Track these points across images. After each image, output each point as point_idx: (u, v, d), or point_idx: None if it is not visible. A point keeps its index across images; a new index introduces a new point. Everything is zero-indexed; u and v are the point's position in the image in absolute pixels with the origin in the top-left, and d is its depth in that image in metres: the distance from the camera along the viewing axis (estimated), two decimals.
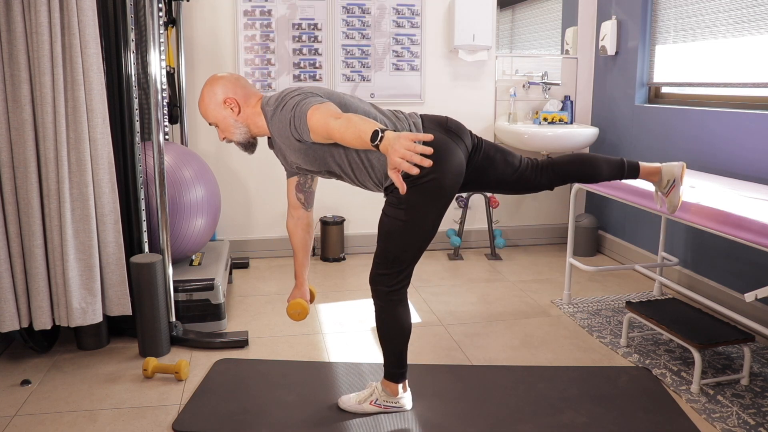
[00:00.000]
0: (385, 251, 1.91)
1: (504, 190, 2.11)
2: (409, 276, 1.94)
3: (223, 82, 1.90)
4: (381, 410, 2.06)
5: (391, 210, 1.88)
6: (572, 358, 2.51)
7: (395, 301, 1.94)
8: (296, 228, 2.16)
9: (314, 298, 2.25)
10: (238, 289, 3.32)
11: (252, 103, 1.91)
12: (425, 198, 1.84)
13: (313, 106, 1.71)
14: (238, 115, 1.90)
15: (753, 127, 2.76)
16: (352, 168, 1.88)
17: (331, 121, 1.63)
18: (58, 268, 2.32)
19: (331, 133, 1.64)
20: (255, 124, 1.91)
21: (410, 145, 1.42)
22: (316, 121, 1.68)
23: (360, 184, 1.94)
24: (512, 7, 4.10)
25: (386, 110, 1.94)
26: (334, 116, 1.64)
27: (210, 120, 1.92)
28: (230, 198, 3.81)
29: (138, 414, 2.08)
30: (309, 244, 2.19)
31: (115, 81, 2.44)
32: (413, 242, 1.89)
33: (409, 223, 1.86)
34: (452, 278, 3.53)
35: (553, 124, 3.88)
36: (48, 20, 2.20)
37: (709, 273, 3.07)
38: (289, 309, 2.13)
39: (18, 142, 2.25)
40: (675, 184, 2.14)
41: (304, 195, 2.11)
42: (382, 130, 1.50)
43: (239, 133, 1.92)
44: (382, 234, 1.91)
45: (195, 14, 3.57)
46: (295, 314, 2.12)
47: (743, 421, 2.03)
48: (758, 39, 2.80)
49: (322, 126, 1.66)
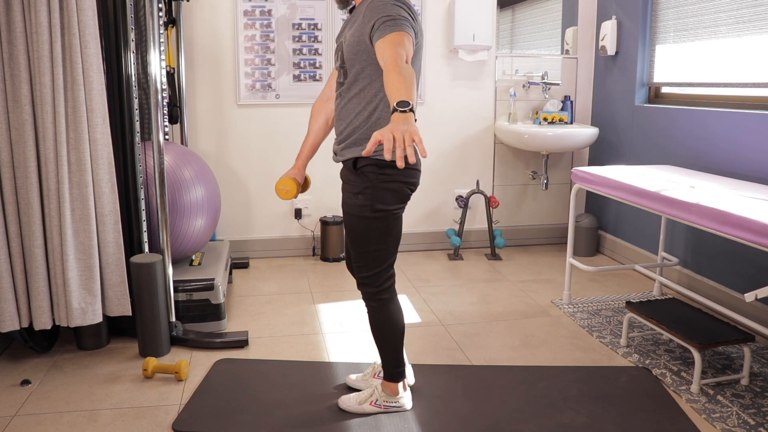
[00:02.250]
0: (361, 253, 1.91)
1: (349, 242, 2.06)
2: (393, 273, 1.95)
3: None
4: (381, 410, 2.06)
5: (354, 208, 1.87)
6: (572, 358, 2.51)
7: (386, 299, 1.95)
8: (321, 110, 2.12)
9: (308, 186, 2.18)
10: (238, 289, 3.32)
11: None
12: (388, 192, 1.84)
13: (404, 32, 1.68)
14: None
15: (753, 127, 2.76)
16: (359, 92, 1.85)
17: (400, 54, 1.61)
18: (58, 268, 2.32)
19: (389, 59, 1.60)
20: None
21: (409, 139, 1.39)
22: (389, 43, 1.65)
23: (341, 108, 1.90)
24: (512, 7, 4.10)
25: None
26: (404, 58, 1.61)
27: None
28: (230, 198, 3.81)
29: (138, 414, 2.08)
30: (325, 132, 2.15)
31: (115, 81, 2.44)
32: (385, 239, 1.89)
33: (375, 222, 1.86)
34: (452, 278, 3.53)
35: (553, 124, 3.88)
36: (48, 20, 2.20)
37: (709, 273, 3.07)
38: (278, 184, 2.04)
39: (18, 142, 2.25)
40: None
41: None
42: (412, 110, 1.46)
43: None
44: (354, 237, 1.91)
45: (195, 14, 3.57)
46: (282, 191, 2.04)
47: (743, 421, 2.03)
48: (758, 39, 2.80)
49: (391, 49, 1.63)
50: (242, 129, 3.75)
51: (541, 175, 4.06)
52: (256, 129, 3.76)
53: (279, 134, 3.76)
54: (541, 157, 4.02)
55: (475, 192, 3.91)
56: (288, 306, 3.09)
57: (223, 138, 3.74)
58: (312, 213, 3.91)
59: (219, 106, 3.70)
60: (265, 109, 3.74)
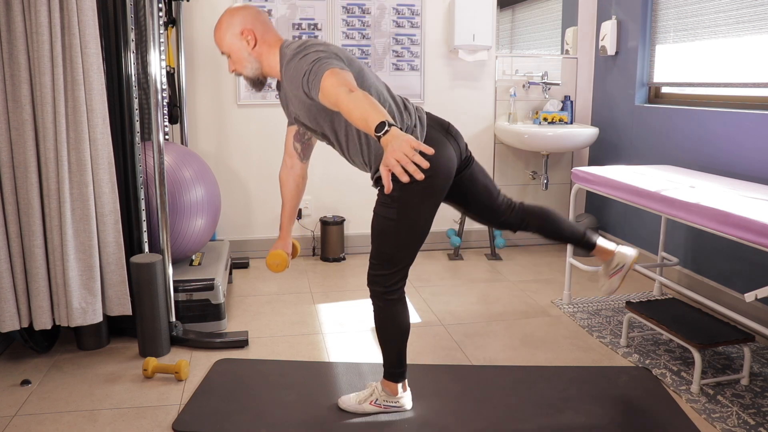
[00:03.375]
0: (379, 252, 1.91)
1: (473, 211, 2.11)
2: (406, 275, 1.94)
3: (244, 13, 1.86)
4: (381, 410, 2.06)
5: (382, 209, 1.87)
6: (572, 358, 2.51)
7: (393, 300, 1.94)
8: (288, 178, 2.12)
9: (297, 252, 2.20)
10: (238, 289, 3.32)
11: (269, 41, 1.87)
12: (416, 196, 1.84)
13: (332, 68, 1.66)
14: (253, 49, 1.86)
15: (753, 127, 2.76)
16: (347, 139, 1.86)
17: (343, 92, 1.57)
18: (58, 268, 2.32)
19: (340, 103, 1.58)
20: (268, 63, 1.87)
21: (410, 151, 1.38)
22: (329, 85, 1.63)
23: (348, 158, 1.93)
24: (512, 7, 4.10)
25: (397, 96, 1.91)
26: (349, 88, 1.59)
27: (223, 49, 1.88)
28: (230, 198, 3.81)
29: (138, 414, 2.08)
30: (299, 197, 2.16)
31: (115, 81, 2.44)
32: (406, 241, 1.88)
33: (401, 222, 1.85)
34: (452, 278, 3.53)
35: (553, 124, 3.88)
36: (48, 20, 2.20)
37: (709, 273, 3.07)
38: (269, 259, 2.07)
39: (18, 142, 2.25)
40: (620, 270, 2.19)
41: (302, 145, 2.07)
42: (389, 124, 1.45)
43: (250, 68, 1.89)
44: (375, 234, 1.90)
45: (195, 14, 3.57)
46: (273, 264, 2.07)
47: (743, 421, 2.03)
48: (758, 39, 2.80)
49: (333, 93, 1.61)
50: (242, 129, 3.75)
51: (541, 175, 4.06)
52: (256, 129, 3.76)
53: (279, 134, 3.76)
54: (541, 157, 4.02)
55: None
56: (288, 306, 3.09)
57: (223, 138, 3.74)
58: (312, 213, 3.92)
59: (219, 106, 3.70)
60: (265, 109, 3.74)
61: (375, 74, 1.91)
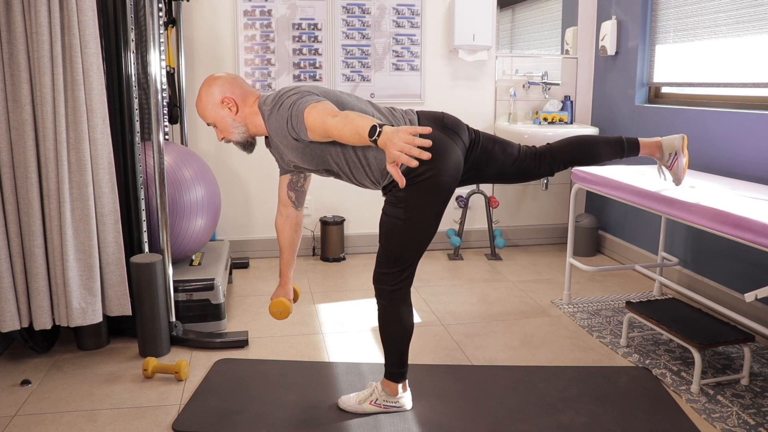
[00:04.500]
0: (386, 250, 1.91)
1: (505, 180, 2.11)
2: (412, 274, 1.95)
3: (220, 82, 1.90)
4: (381, 410, 2.06)
5: (390, 209, 1.88)
6: (572, 358, 2.51)
7: (398, 299, 1.94)
8: (285, 226, 2.15)
9: (298, 297, 2.24)
10: (238, 289, 3.32)
11: (250, 102, 1.91)
12: (423, 196, 1.85)
13: (309, 105, 1.71)
14: (236, 115, 1.90)
15: (753, 127, 2.76)
16: (350, 166, 1.88)
17: (329, 119, 1.64)
18: (58, 268, 2.32)
19: (329, 130, 1.64)
20: (253, 124, 1.91)
21: (408, 138, 1.42)
22: (313, 120, 1.69)
23: (357, 183, 1.95)
24: (512, 7, 4.10)
25: (383, 107, 1.95)
26: (332, 114, 1.65)
27: (208, 120, 1.93)
28: (230, 198, 3.81)
29: (138, 414, 2.08)
30: (296, 243, 2.18)
31: (115, 81, 2.44)
32: (414, 240, 1.89)
33: (409, 222, 1.86)
34: (452, 278, 3.53)
35: (553, 124, 3.88)
36: (48, 20, 2.20)
37: (709, 273, 3.07)
38: (272, 307, 2.11)
39: (18, 142, 2.25)
40: (677, 157, 2.17)
41: (296, 194, 2.10)
42: (380, 125, 1.50)
43: (237, 133, 1.93)
44: (383, 233, 1.91)
45: (195, 14, 3.57)
46: (277, 312, 2.11)
47: (743, 421, 2.03)
48: (758, 39, 2.80)
49: (320, 124, 1.66)
50: None
51: None
52: None
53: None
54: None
55: (475, 192, 3.91)
56: None
57: None
58: (312, 213, 3.92)
59: None
60: None
61: (355, 96, 1.94)
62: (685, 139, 2.15)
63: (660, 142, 2.18)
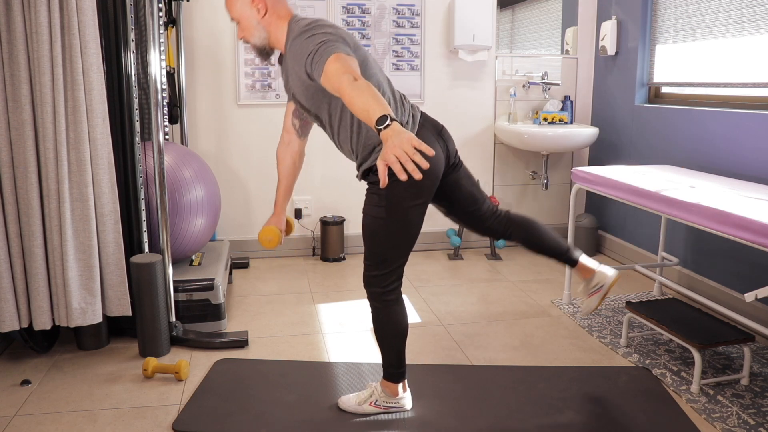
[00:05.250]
0: (372, 252, 1.91)
1: (456, 215, 2.11)
2: (401, 275, 1.94)
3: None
4: (381, 411, 2.06)
5: (371, 209, 1.87)
6: (572, 358, 2.51)
7: (390, 300, 1.94)
8: (285, 154, 2.12)
9: (291, 230, 2.19)
10: (238, 289, 3.32)
11: (280, 13, 1.87)
12: (404, 196, 1.84)
13: (337, 53, 1.65)
14: (262, 18, 1.86)
15: (753, 127, 2.77)
16: (340, 125, 1.86)
17: (347, 79, 1.56)
18: (58, 268, 2.32)
19: (342, 90, 1.56)
20: (275, 35, 1.88)
21: (410, 149, 1.36)
22: (333, 70, 1.61)
23: (337, 143, 1.93)
24: (512, 7, 4.10)
25: (396, 91, 1.92)
26: (353, 75, 1.57)
27: (233, 15, 1.89)
28: (230, 198, 3.81)
29: (138, 414, 2.08)
30: (295, 174, 2.15)
31: (115, 81, 2.44)
32: (398, 241, 1.88)
33: (390, 222, 1.85)
34: (452, 278, 3.53)
35: (553, 124, 3.88)
36: (48, 20, 2.20)
37: (709, 273, 3.07)
38: (261, 234, 2.05)
39: (18, 142, 2.25)
40: (599, 290, 2.17)
41: (300, 122, 2.07)
42: (391, 118, 1.43)
43: (258, 37, 1.89)
44: (367, 235, 1.91)
45: (195, 14, 3.57)
46: (266, 240, 2.05)
47: (743, 421, 2.03)
48: (758, 39, 2.80)
49: (336, 78, 1.59)
50: (242, 129, 3.75)
51: (541, 175, 4.06)
52: (256, 129, 3.76)
53: (279, 134, 3.75)
54: (541, 157, 4.03)
55: None
56: (288, 306, 3.09)
57: (223, 138, 3.74)
58: (312, 213, 3.92)
59: (219, 106, 3.70)
60: (265, 109, 3.74)
61: (379, 65, 1.91)
62: (617, 280, 2.17)
63: (594, 271, 2.19)
